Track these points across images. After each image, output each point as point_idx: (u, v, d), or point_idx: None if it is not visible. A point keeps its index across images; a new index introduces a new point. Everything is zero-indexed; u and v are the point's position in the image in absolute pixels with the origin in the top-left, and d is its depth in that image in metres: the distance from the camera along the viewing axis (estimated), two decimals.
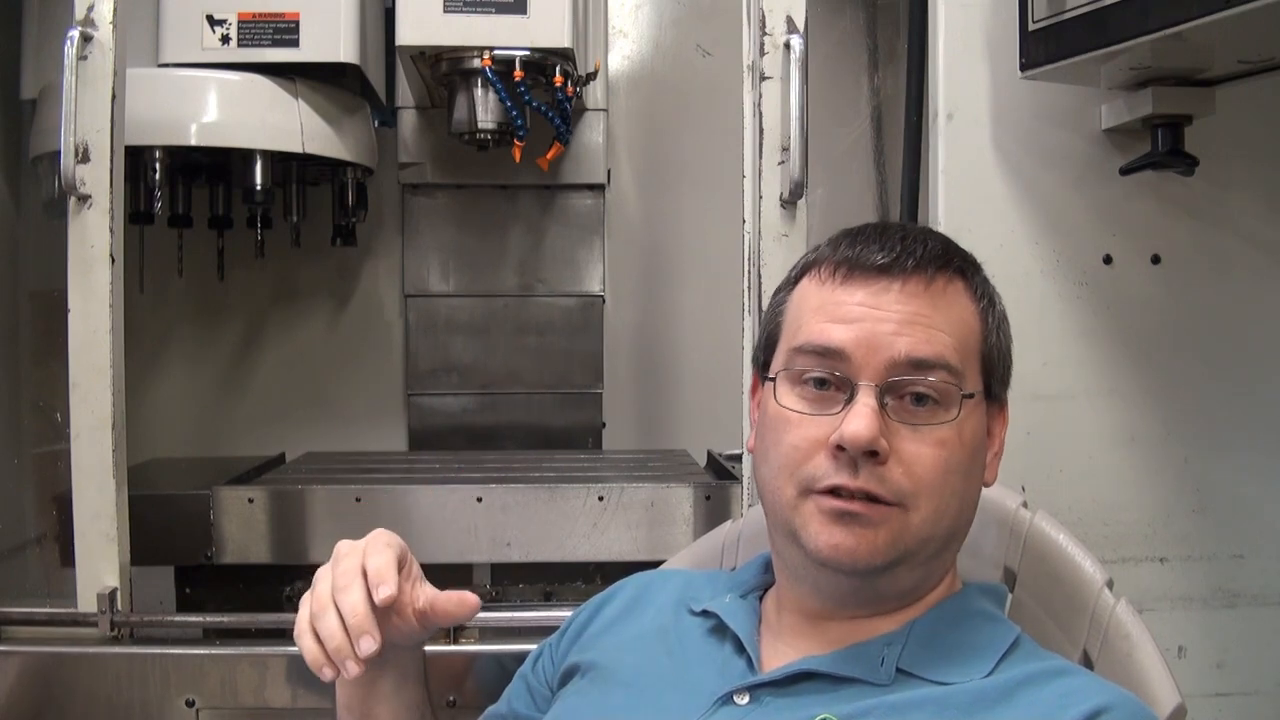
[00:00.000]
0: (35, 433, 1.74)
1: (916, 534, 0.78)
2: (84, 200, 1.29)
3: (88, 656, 1.30)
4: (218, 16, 1.61)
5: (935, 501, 0.78)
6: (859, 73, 1.91)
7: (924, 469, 0.77)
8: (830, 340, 0.80)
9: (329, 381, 2.11)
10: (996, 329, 0.85)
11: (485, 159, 1.83)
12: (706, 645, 0.86)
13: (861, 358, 0.79)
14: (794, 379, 0.82)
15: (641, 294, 2.13)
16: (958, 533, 0.83)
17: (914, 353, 0.78)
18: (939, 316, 0.81)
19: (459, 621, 0.94)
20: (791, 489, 0.79)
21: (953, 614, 0.82)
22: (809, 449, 0.79)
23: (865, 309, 0.80)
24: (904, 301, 0.80)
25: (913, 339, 0.79)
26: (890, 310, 0.80)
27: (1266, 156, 1.34)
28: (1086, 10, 1.13)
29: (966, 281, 0.84)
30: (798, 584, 0.84)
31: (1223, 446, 1.34)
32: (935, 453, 0.78)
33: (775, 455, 0.81)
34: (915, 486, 0.77)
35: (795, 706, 0.77)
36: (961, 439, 0.79)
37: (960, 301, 0.83)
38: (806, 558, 0.79)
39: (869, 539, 0.77)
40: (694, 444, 1.94)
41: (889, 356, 0.78)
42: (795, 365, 0.82)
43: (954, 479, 0.79)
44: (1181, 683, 0.81)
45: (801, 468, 0.79)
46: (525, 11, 1.56)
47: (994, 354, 0.85)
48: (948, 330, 0.81)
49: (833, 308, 0.82)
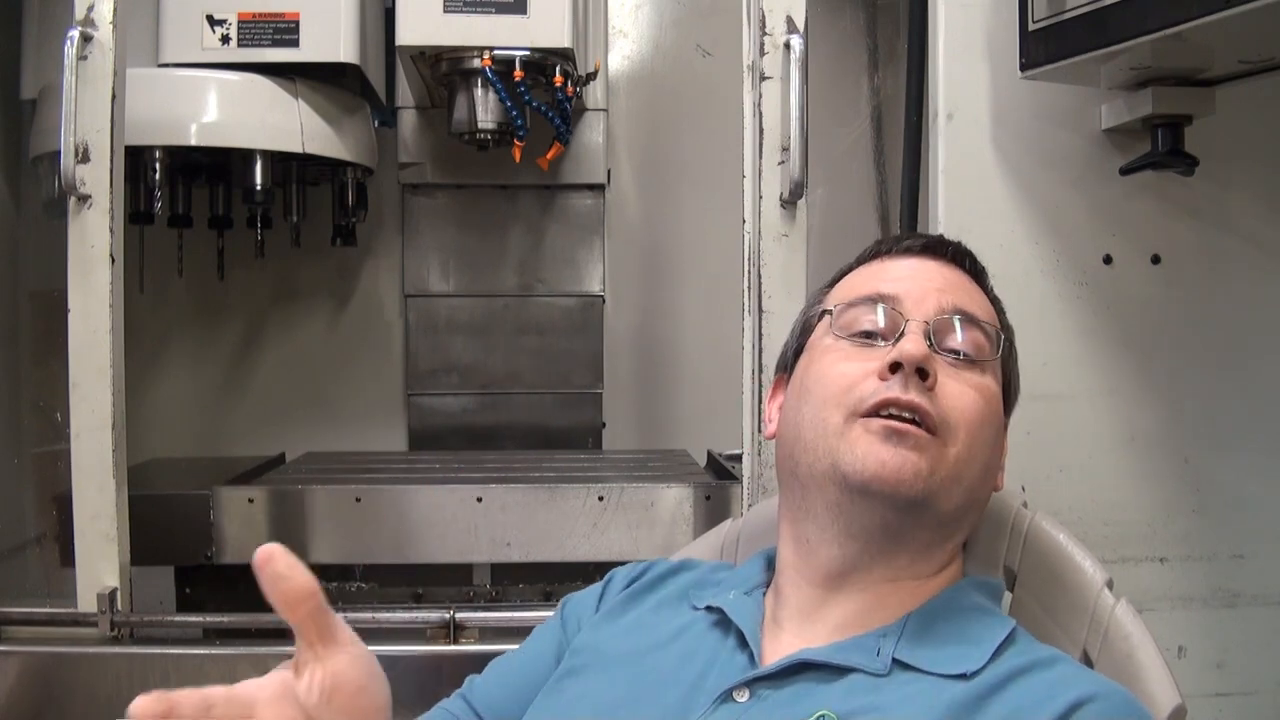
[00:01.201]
0: (35, 433, 1.74)
1: (951, 470, 0.80)
2: (84, 200, 1.29)
3: (88, 656, 1.30)
4: (218, 16, 1.61)
5: (970, 442, 0.81)
6: (859, 73, 1.91)
7: (965, 406, 0.82)
8: (884, 289, 0.87)
9: (329, 381, 2.11)
10: (1010, 355, 0.92)
11: (485, 159, 1.83)
12: (709, 640, 0.86)
13: (914, 301, 0.85)
14: (845, 324, 0.87)
15: (641, 294, 2.14)
16: (977, 501, 0.85)
17: (960, 304, 0.86)
18: (976, 295, 0.89)
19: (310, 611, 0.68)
20: (838, 415, 0.82)
21: (948, 607, 0.83)
22: (858, 376, 0.82)
23: (913, 272, 0.89)
24: (946, 274, 0.89)
25: (958, 296, 0.87)
26: (936, 275, 0.88)
27: (1266, 156, 1.34)
28: (1086, 10, 1.13)
29: (995, 307, 0.92)
30: (822, 537, 0.83)
31: (1223, 446, 1.34)
32: (976, 395, 0.83)
33: (822, 386, 0.84)
34: (956, 419, 0.81)
35: (793, 700, 0.77)
36: (994, 399, 0.85)
37: (989, 303, 0.91)
38: (845, 489, 0.80)
39: (913, 461, 0.79)
40: (694, 444, 1.94)
41: (938, 304, 0.85)
42: (845, 315, 0.87)
43: (986, 431, 0.83)
44: (1181, 683, 0.81)
45: (849, 393, 0.82)
46: (525, 11, 1.56)
47: (1008, 368, 0.91)
48: (982, 307, 0.89)
49: (883, 273, 0.90)
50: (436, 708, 0.94)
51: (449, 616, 1.34)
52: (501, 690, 0.94)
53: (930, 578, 0.84)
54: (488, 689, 0.95)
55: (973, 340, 0.85)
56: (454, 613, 1.34)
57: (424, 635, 1.34)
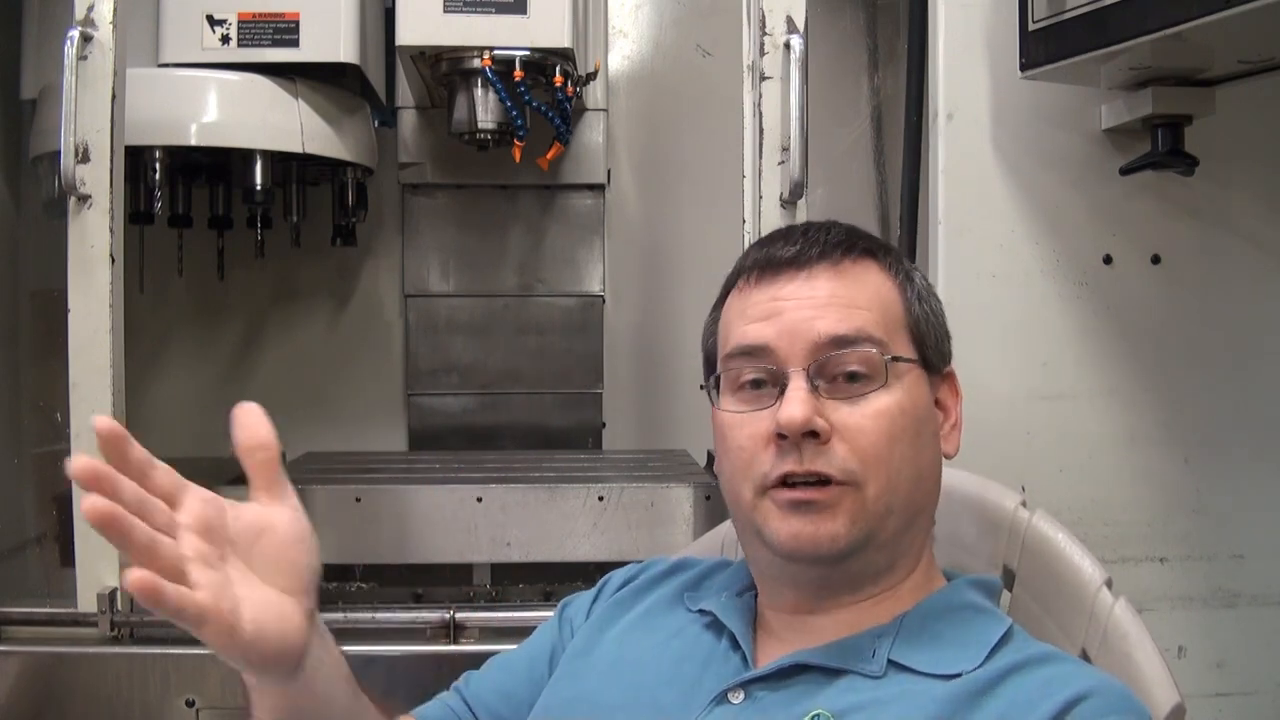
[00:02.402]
0: (35, 433, 1.74)
1: (873, 509, 0.79)
2: (84, 200, 1.29)
3: (88, 656, 1.30)
4: (218, 16, 1.61)
5: (886, 472, 0.79)
6: (859, 73, 1.91)
7: (868, 440, 0.79)
8: (753, 339, 0.83)
9: (329, 381, 2.11)
10: (919, 300, 0.87)
11: (485, 159, 1.83)
12: (703, 642, 0.86)
13: (786, 348, 0.81)
14: (731, 385, 0.85)
15: (641, 294, 2.13)
16: (921, 506, 0.83)
17: (834, 331, 0.81)
18: (853, 294, 0.83)
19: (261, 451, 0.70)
20: (749, 490, 0.81)
21: (942, 606, 0.83)
22: (754, 446, 0.81)
23: (780, 302, 0.83)
24: (816, 288, 0.83)
25: (830, 319, 0.81)
26: (804, 298, 0.83)
27: (1266, 156, 1.34)
28: (1086, 10, 1.13)
29: (877, 260, 0.86)
30: (773, 582, 0.85)
31: (1223, 446, 1.34)
32: (875, 423, 0.79)
33: (727, 461, 0.84)
34: (862, 459, 0.78)
35: (789, 701, 0.77)
36: (901, 407, 0.81)
37: (873, 278, 0.85)
38: (773, 555, 0.81)
39: (828, 524, 0.78)
40: (694, 444, 1.93)
41: (811, 340, 0.81)
42: (730, 370, 0.85)
43: (900, 447, 0.80)
44: (1181, 683, 0.81)
45: (752, 467, 0.81)
46: (525, 11, 1.56)
47: (921, 324, 0.86)
48: (865, 305, 0.83)
49: (752, 309, 0.85)
50: (435, 700, 0.95)
51: (449, 616, 1.34)
52: (494, 690, 0.95)
53: (904, 580, 0.84)
54: (481, 688, 0.95)
55: (860, 360, 0.80)
56: (454, 613, 1.34)
57: (424, 635, 1.34)
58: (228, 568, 0.65)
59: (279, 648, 0.66)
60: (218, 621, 0.62)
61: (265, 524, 0.68)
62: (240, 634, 0.63)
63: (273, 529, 0.68)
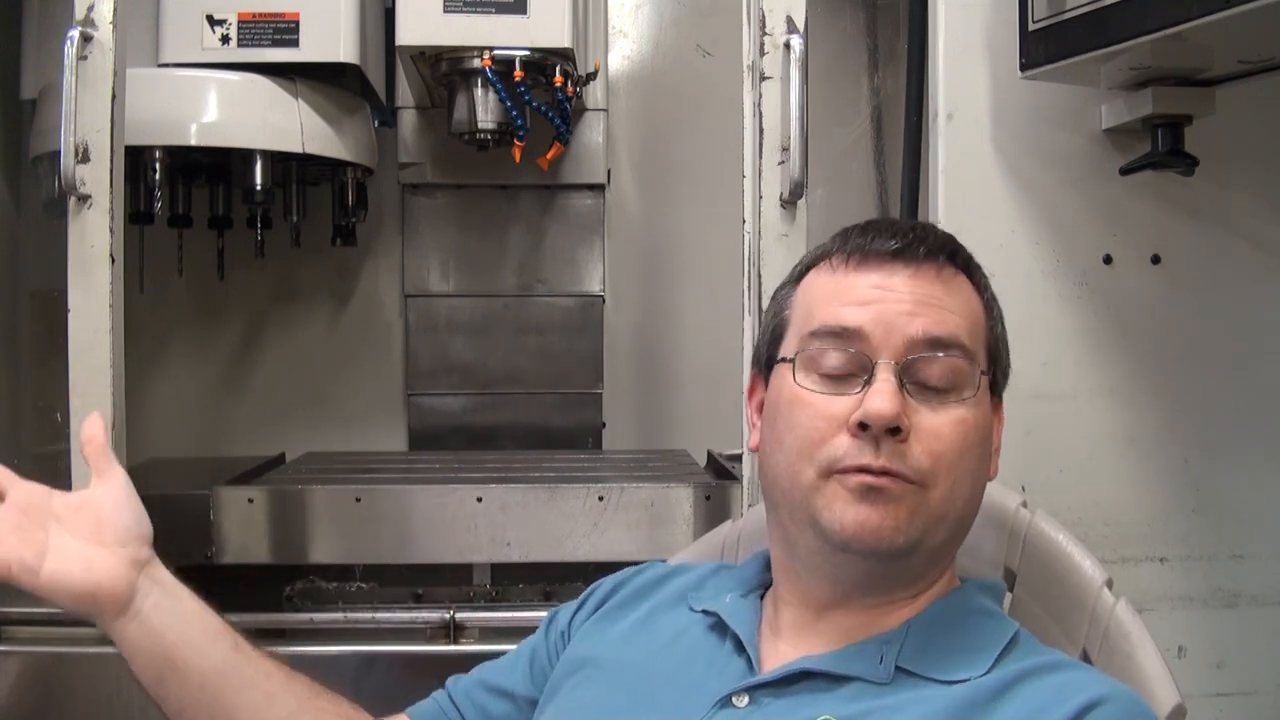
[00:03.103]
0: (35, 433, 1.74)
1: (934, 512, 0.78)
2: (84, 200, 1.29)
3: (88, 656, 1.30)
4: (218, 16, 1.61)
5: (952, 480, 0.79)
6: (859, 73, 1.91)
7: (944, 446, 0.78)
8: (847, 321, 0.81)
9: (329, 381, 2.11)
10: (999, 324, 0.88)
11: (485, 159, 1.83)
12: (707, 644, 0.86)
13: (880, 337, 0.80)
14: (810, 363, 0.82)
15: (641, 294, 2.13)
16: (966, 521, 0.83)
17: (931, 331, 0.80)
18: (951, 300, 0.82)
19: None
20: (812, 471, 0.79)
21: (951, 611, 0.82)
22: (828, 429, 0.79)
23: (880, 290, 0.82)
24: (917, 285, 0.82)
25: (928, 319, 0.80)
26: (904, 292, 0.81)
27: (1266, 156, 1.34)
28: (1086, 10, 1.13)
29: (971, 278, 0.86)
30: (809, 574, 0.83)
31: (1223, 446, 1.34)
32: (954, 430, 0.79)
33: (792, 438, 0.81)
34: (935, 464, 0.78)
35: (794, 707, 0.77)
36: (976, 421, 0.81)
37: (967, 291, 0.85)
38: (825, 542, 0.79)
39: (893, 515, 0.77)
40: (694, 444, 1.94)
41: (907, 335, 0.80)
42: (811, 348, 0.82)
43: (969, 459, 0.80)
44: (1181, 683, 0.81)
45: (821, 448, 0.79)
46: (525, 11, 1.56)
47: (998, 347, 0.87)
48: (959, 314, 0.82)
49: (847, 292, 0.83)
50: (429, 699, 0.97)
51: (449, 616, 1.34)
52: (478, 684, 0.96)
53: (927, 590, 0.84)
54: (467, 682, 0.97)
55: (950, 369, 0.80)
56: (454, 613, 1.34)
57: (424, 635, 1.35)
58: (46, 534, 0.82)
59: (85, 587, 0.82)
60: (19, 566, 0.80)
61: (87, 500, 0.86)
62: (39, 575, 0.81)
63: (94, 502, 0.86)
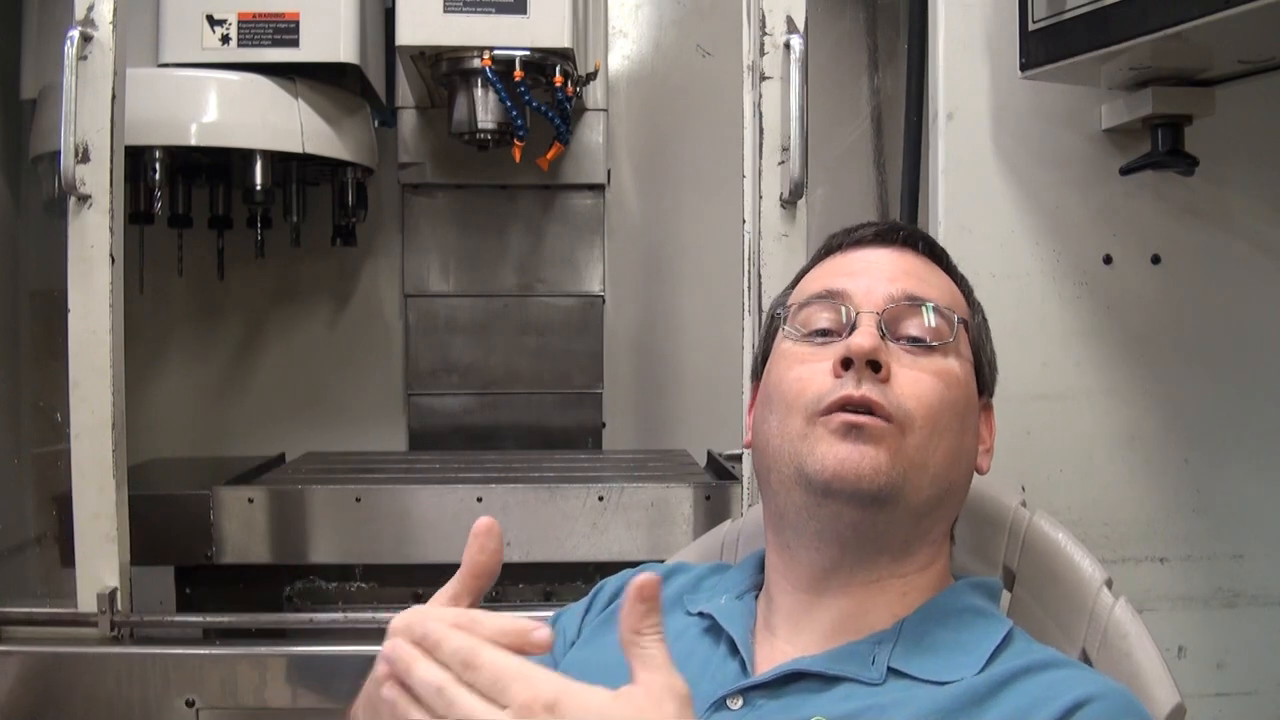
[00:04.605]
0: (35, 433, 1.74)
1: (913, 458, 0.80)
2: (84, 200, 1.29)
3: (88, 656, 1.30)
4: (218, 16, 1.61)
5: (931, 427, 0.81)
6: (859, 73, 1.91)
7: (923, 389, 0.82)
8: (833, 284, 0.87)
9: (329, 381, 2.11)
10: (980, 317, 0.92)
11: (485, 159, 1.83)
12: (701, 646, 0.86)
13: (862, 294, 0.85)
14: (799, 326, 0.87)
15: (641, 294, 2.13)
16: (951, 487, 0.84)
17: (910, 290, 0.86)
18: (931, 276, 0.89)
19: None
20: (799, 419, 0.82)
21: (943, 611, 0.82)
22: (814, 376, 0.83)
23: (865, 265, 0.89)
24: (899, 261, 0.89)
25: (908, 282, 0.87)
26: (886, 264, 0.88)
27: (1266, 156, 1.34)
28: (1086, 10, 1.13)
29: (954, 280, 0.92)
30: (798, 539, 0.83)
31: (1223, 446, 1.34)
32: (933, 380, 0.83)
33: (781, 393, 0.84)
34: (914, 407, 0.81)
35: (788, 709, 0.77)
36: (956, 377, 0.84)
37: (947, 279, 0.91)
38: (811, 493, 0.80)
39: (871, 455, 0.79)
40: (694, 444, 1.94)
41: (887, 292, 0.85)
42: (798, 316, 0.88)
43: (948, 414, 0.82)
44: (1181, 683, 0.81)
45: (806, 394, 0.82)
46: (525, 11, 1.56)
47: (980, 337, 0.91)
48: (939, 288, 0.88)
49: (833, 270, 0.90)
50: None
51: None
52: None
53: (916, 574, 0.84)
54: None
55: (927, 324, 0.85)
56: None
57: None
58: None
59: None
60: None
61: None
62: None
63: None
